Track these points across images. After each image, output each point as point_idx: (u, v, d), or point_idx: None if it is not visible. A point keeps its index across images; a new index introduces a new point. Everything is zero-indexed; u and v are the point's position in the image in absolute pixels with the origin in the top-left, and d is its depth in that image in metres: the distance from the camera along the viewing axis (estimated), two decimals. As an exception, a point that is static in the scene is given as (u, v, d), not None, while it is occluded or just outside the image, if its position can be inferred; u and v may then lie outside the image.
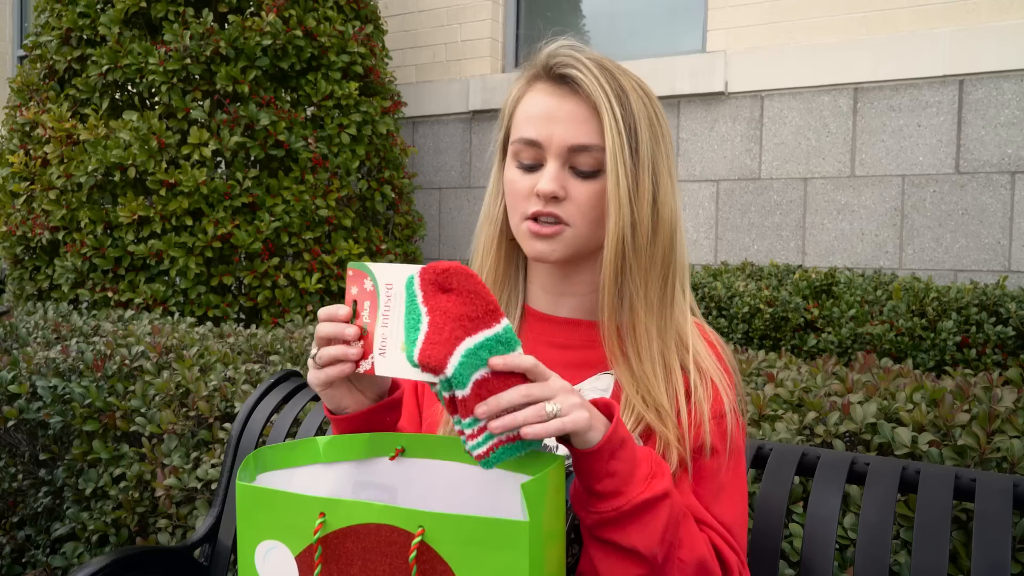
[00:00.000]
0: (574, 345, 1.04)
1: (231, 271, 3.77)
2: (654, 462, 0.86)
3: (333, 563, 0.72)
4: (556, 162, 0.96)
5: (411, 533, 0.70)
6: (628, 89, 0.96)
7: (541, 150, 0.97)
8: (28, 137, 3.98)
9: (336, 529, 0.72)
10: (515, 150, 1.00)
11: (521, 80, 1.03)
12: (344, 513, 0.72)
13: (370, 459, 0.91)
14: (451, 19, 5.15)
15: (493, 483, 0.87)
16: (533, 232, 0.98)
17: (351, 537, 0.72)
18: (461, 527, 0.69)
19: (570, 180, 0.97)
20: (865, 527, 1.11)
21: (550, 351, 1.02)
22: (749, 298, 3.19)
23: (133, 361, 2.42)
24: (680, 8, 4.63)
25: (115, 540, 2.23)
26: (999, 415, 1.46)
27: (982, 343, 2.77)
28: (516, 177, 1.00)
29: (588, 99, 0.95)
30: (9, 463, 2.54)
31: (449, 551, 0.69)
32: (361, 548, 0.72)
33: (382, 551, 0.71)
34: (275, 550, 0.74)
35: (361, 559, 0.72)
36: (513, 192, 1.00)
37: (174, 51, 3.70)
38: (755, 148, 4.19)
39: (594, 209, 0.97)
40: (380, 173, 4.40)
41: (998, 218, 3.65)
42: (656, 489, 0.83)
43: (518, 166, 1.00)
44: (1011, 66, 3.59)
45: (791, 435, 1.53)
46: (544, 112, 0.97)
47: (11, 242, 3.94)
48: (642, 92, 0.98)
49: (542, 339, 1.05)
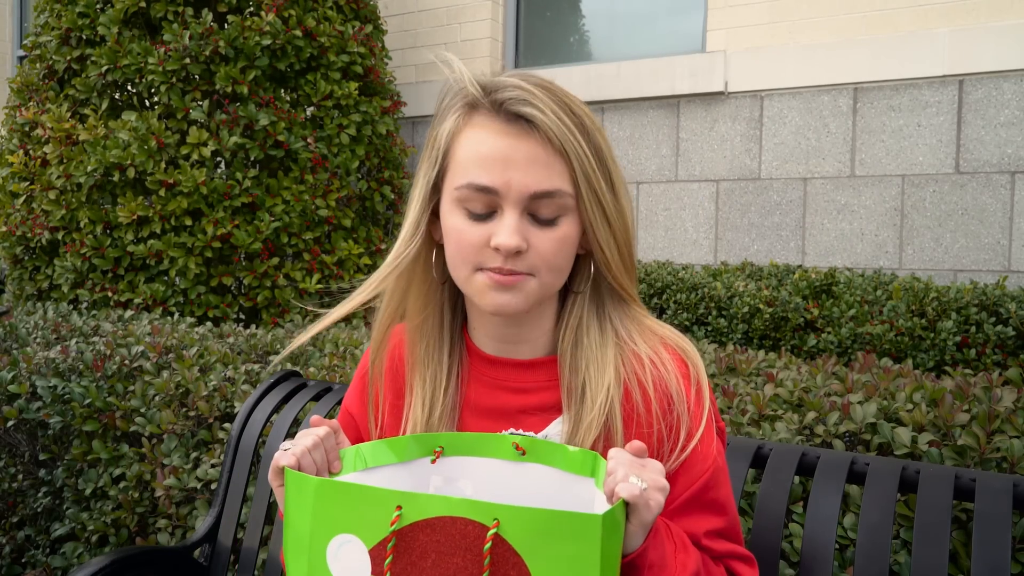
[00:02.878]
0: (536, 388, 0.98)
1: (231, 271, 3.77)
2: (675, 535, 0.86)
3: (406, 555, 0.74)
4: (515, 211, 0.86)
5: (486, 526, 0.71)
6: (582, 115, 0.89)
7: (496, 197, 0.87)
8: (28, 137, 3.98)
9: (412, 522, 0.73)
10: (461, 196, 0.88)
11: (455, 110, 0.91)
12: (421, 506, 0.73)
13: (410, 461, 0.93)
14: (451, 19, 5.15)
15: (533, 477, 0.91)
16: (495, 282, 0.88)
17: (425, 530, 0.73)
18: (536, 520, 0.71)
19: (530, 229, 0.88)
20: (865, 527, 1.11)
21: (506, 396, 0.98)
22: (749, 298, 3.19)
23: (133, 361, 2.42)
24: (680, 8, 4.63)
25: (115, 540, 2.23)
26: (999, 415, 1.46)
27: (982, 343, 2.77)
28: (463, 226, 0.88)
29: (549, 140, 0.86)
30: (9, 463, 2.54)
31: (522, 543, 0.71)
32: (435, 541, 0.73)
33: (456, 544, 0.73)
34: (348, 544, 0.75)
35: (435, 552, 0.73)
36: (461, 242, 0.89)
37: (173, 51, 3.70)
38: (755, 148, 4.19)
39: (557, 257, 0.89)
40: (380, 173, 4.40)
41: (998, 218, 3.65)
42: (690, 568, 0.84)
43: (467, 215, 0.89)
44: (1011, 66, 3.59)
45: (791, 435, 1.53)
46: (498, 155, 0.86)
47: (11, 242, 3.94)
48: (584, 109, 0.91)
49: (496, 384, 0.99)
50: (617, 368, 0.94)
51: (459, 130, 0.90)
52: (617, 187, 0.92)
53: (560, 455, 0.90)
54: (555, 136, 0.86)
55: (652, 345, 0.96)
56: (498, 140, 0.87)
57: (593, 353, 0.94)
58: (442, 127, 0.91)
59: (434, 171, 0.92)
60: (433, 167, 0.92)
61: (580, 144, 0.87)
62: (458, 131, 0.90)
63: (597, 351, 0.94)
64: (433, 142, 0.92)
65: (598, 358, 0.94)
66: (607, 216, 0.90)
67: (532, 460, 0.91)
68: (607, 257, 0.92)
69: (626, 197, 0.94)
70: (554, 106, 0.86)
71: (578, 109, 0.89)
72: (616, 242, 0.92)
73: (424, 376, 0.99)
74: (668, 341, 0.97)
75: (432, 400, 0.98)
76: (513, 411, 0.98)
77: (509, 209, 0.87)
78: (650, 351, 0.95)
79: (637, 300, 0.99)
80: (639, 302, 1.00)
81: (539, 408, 0.97)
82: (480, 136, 0.88)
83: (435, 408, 0.98)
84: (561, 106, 0.87)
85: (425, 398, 0.99)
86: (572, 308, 0.97)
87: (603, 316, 0.97)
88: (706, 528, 0.92)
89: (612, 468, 0.78)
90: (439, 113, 0.93)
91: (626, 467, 0.77)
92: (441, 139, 0.91)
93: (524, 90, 0.87)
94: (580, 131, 0.87)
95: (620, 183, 0.93)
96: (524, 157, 0.86)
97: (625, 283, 0.96)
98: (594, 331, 0.96)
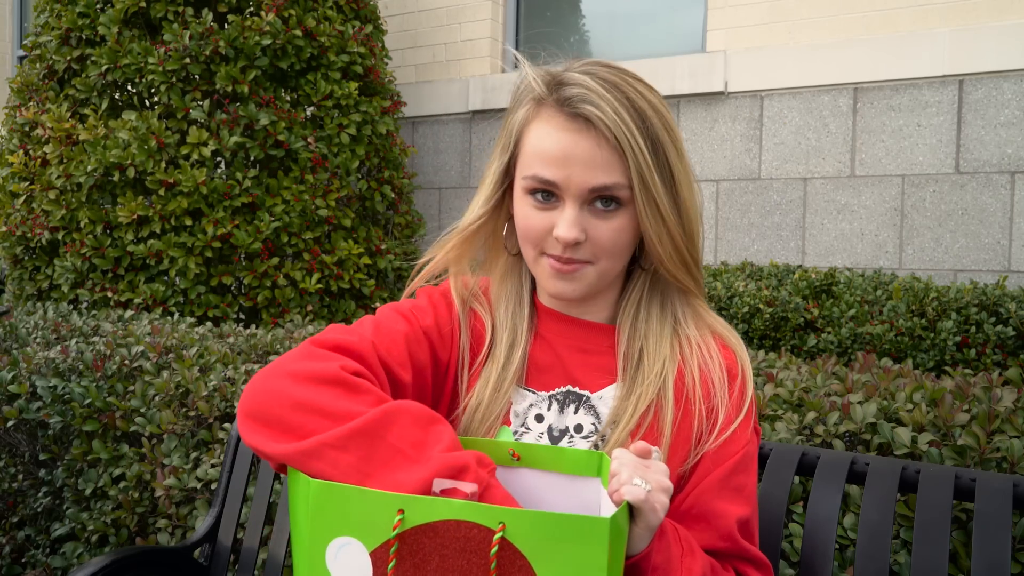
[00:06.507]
0: (596, 351, 1.03)
1: (231, 271, 3.76)
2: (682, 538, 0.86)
3: (409, 559, 0.74)
4: (574, 204, 0.93)
5: (491, 529, 0.71)
6: (644, 110, 0.92)
7: (558, 188, 0.93)
8: (28, 137, 3.98)
9: (414, 526, 0.73)
10: (527, 185, 0.96)
11: (527, 103, 0.97)
12: (423, 510, 0.73)
13: None
14: (451, 19, 5.15)
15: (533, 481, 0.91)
16: (555, 270, 0.96)
17: (428, 534, 0.73)
18: (542, 523, 0.71)
19: (590, 220, 0.93)
20: (865, 527, 1.11)
21: (567, 354, 1.02)
22: (749, 298, 3.19)
23: (133, 361, 2.42)
24: (680, 8, 4.63)
25: (115, 540, 2.23)
26: (999, 415, 1.46)
27: (982, 343, 2.77)
28: (530, 213, 0.96)
29: (609, 137, 0.90)
30: (9, 463, 2.54)
31: (529, 547, 0.71)
32: (439, 544, 0.73)
33: (460, 547, 0.72)
34: (348, 547, 0.75)
35: (439, 555, 0.73)
36: (527, 228, 0.97)
37: (173, 51, 3.70)
38: (755, 148, 4.19)
39: (616, 246, 0.95)
40: (380, 173, 4.40)
41: (998, 218, 3.65)
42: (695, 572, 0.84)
43: (533, 202, 0.96)
44: (1011, 66, 3.59)
45: (791, 435, 1.53)
46: (560, 153, 0.92)
47: (11, 242, 3.94)
48: (652, 104, 0.94)
49: (559, 341, 1.04)
50: (672, 346, 0.99)
51: (529, 120, 0.96)
52: (678, 183, 0.95)
53: (560, 459, 0.90)
54: (611, 134, 0.90)
55: (703, 334, 1.01)
56: (561, 136, 0.92)
57: (652, 327, 1.00)
58: (515, 116, 0.99)
59: (506, 156, 1.00)
60: (506, 152, 1.00)
61: (637, 141, 0.91)
62: (528, 121, 0.97)
63: (656, 325, 1.00)
64: (507, 128, 1.00)
65: (656, 332, 1.00)
66: (660, 212, 0.93)
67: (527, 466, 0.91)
68: (660, 252, 0.96)
69: (688, 191, 0.97)
70: (615, 103, 0.90)
71: (642, 103, 0.92)
72: (671, 236, 0.95)
73: (502, 336, 1.04)
74: (717, 334, 1.02)
75: (508, 359, 1.02)
76: (572, 369, 1.02)
77: (569, 201, 0.93)
78: (699, 338, 1.01)
79: (697, 292, 1.03)
80: (700, 294, 1.04)
81: (597, 369, 1.01)
82: (545, 131, 0.94)
83: (509, 366, 1.02)
84: (623, 103, 0.91)
85: (500, 357, 1.02)
86: (636, 282, 1.03)
87: (665, 297, 1.02)
88: (737, 515, 0.92)
89: (616, 469, 0.79)
90: (514, 100, 1.00)
91: (630, 469, 0.78)
92: (513, 127, 0.98)
93: (587, 88, 0.91)
94: (639, 128, 0.91)
95: (683, 179, 0.96)
96: (584, 153, 0.91)
97: (681, 276, 0.99)
98: (655, 307, 1.02)
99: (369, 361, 0.90)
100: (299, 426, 0.81)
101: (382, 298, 4.17)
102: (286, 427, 0.81)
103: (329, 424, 0.80)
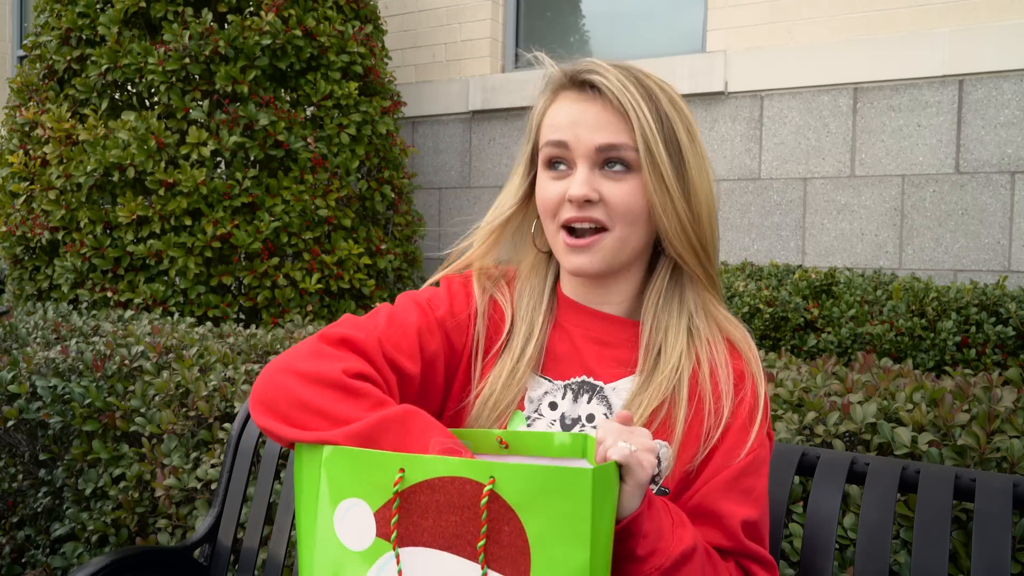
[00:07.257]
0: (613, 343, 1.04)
1: (231, 271, 3.76)
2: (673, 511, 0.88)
3: (408, 516, 0.77)
4: (585, 164, 0.97)
5: (482, 484, 0.74)
6: (651, 86, 0.98)
7: (569, 151, 0.97)
8: (28, 137, 3.98)
9: (413, 483, 0.77)
10: (543, 157, 1.01)
11: (546, 93, 1.04)
12: (422, 468, 0.77)
13: None
14: (451, 19, 5.15)
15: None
16: (569, 245, 0.98)
17: (426, 491, 0.77)
18: (529, 476, 0.74)
19: (601, 182, 0.97)
20: (865, 527, 1.11)
21: (584, 344, 1.04)
22: (749, 298, 3.19)
23: (133, 361, 2.42)
24: (680, 8, 4.63)
25: (115, 540, 2.23)
26: (999, 415, 1.46)
27: (982, 343, 2.77)
28: (546, 184, 1.00)
29: (613, 101, 0.96)
30: (9, 463, 2.54)
31: (517, 500, 0.74)
32: (435, 500, 0.76)
33: (454, 502, 0.76)
34: (355, 508, 0.79)
35: (435, 511, 0.76)
36: (545, 200, 1.00)
37: (173, 51, 3.70)
38: (755, 148, 4.19)
39: (630, 209, 0.97)
40: (380, 173, 4.40)
41: (998, 218, 3.65)
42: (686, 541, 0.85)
43: (550, 174, 1.00)
44: (1011, 66, 3.59)
45: (791, 435, 1.53)
46: (570, 118, 0.98)
47: (11, 242, 3.94)
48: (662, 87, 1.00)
49: (577, 331, 1.05)
50: (688, 342, 1.02)
51: (546, 108, 1.03)
52: (687, 162, 0.98)
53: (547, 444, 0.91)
54: (616, 97, 0.95)
55: (713, 332, 1.03)
56: (572, 106, 0.99)
57: (672, 321, 1.02)
58: (535, 109, 1.05)
59: (529, 146, 1.05)
60: (528, 142, 1.05)
61: (641, 108, 0.95)
62: (545, 109, 1.03)
63: (675, 319, 1.03)
64: (529, 123, 1.06)
65: (675, 326, 1.02)
66: (664, 182, 0.96)
67: (516, 453, 0.92)
68: (665, 225, 0.98)
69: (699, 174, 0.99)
70: (621, 76, 0.97)
71: (649, 82, 0.99)
72: (675, 210, 0.97)
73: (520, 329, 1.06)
74: (725, 332, 1.04)
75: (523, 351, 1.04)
76: (588, 359, 1.04)
77: (580, 162, 0.97)
78: (710, 335, 1.03)
79: (707, 285, 1.05)
80: (713, 288, 1.05)
81: (612, 361, 1.03)
82: (559, 106, 1.00)
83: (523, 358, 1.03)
84: (629, 77, 0.97)
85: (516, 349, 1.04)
86: (658, 275, 1.05)
87: (683, 292, 1.05)
88: (743, 516, 0.93)
89: (601, 437, 0.83)
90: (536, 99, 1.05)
91: (615, 434, 0.82)
92: (534, 119, 1.04)
93: (596, 64, 0.98)
94: (644, 98, 0.96)
95: (693, 160, 0.98)
96: (592, 116, 0.97)
97: (688, 259, 1.01)
98: (675, 301, 1.04)
99: (373, 358, 0.92)
100: (302, 423, 0.85)
101: (382, 298, 4.17)
102: (291, 421, 0.86)
103: (329, 425, 0.84)
